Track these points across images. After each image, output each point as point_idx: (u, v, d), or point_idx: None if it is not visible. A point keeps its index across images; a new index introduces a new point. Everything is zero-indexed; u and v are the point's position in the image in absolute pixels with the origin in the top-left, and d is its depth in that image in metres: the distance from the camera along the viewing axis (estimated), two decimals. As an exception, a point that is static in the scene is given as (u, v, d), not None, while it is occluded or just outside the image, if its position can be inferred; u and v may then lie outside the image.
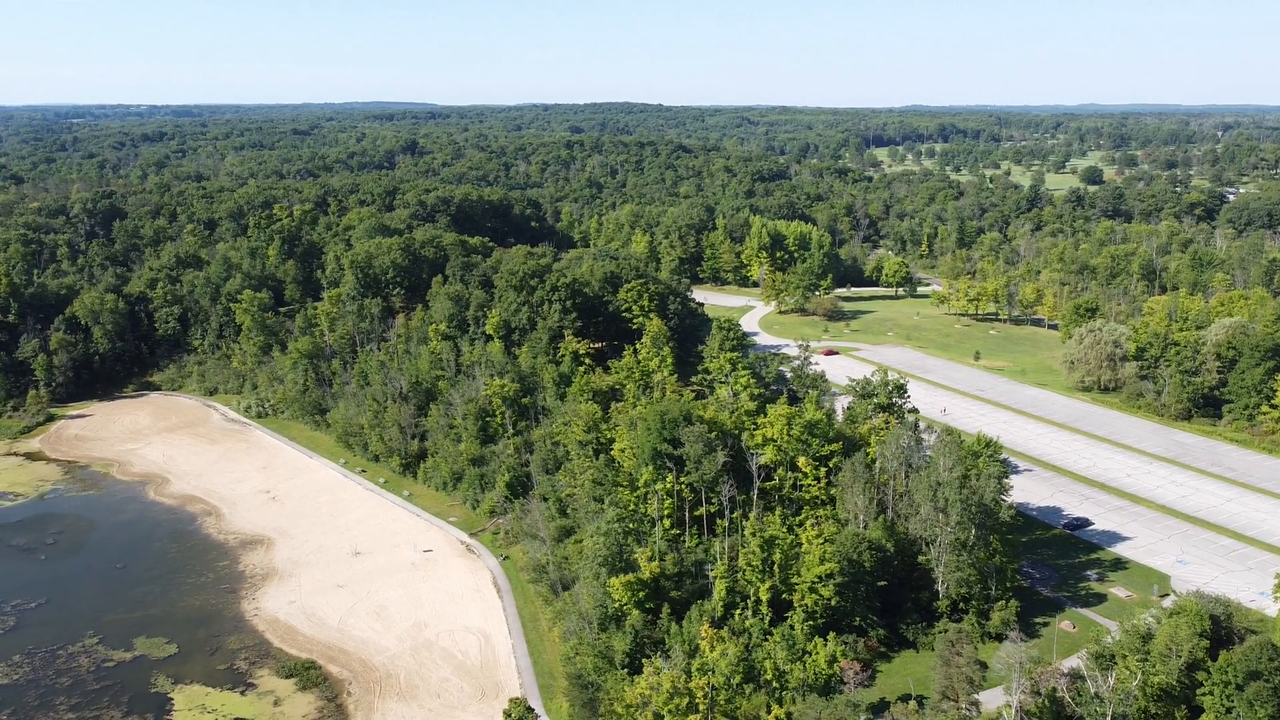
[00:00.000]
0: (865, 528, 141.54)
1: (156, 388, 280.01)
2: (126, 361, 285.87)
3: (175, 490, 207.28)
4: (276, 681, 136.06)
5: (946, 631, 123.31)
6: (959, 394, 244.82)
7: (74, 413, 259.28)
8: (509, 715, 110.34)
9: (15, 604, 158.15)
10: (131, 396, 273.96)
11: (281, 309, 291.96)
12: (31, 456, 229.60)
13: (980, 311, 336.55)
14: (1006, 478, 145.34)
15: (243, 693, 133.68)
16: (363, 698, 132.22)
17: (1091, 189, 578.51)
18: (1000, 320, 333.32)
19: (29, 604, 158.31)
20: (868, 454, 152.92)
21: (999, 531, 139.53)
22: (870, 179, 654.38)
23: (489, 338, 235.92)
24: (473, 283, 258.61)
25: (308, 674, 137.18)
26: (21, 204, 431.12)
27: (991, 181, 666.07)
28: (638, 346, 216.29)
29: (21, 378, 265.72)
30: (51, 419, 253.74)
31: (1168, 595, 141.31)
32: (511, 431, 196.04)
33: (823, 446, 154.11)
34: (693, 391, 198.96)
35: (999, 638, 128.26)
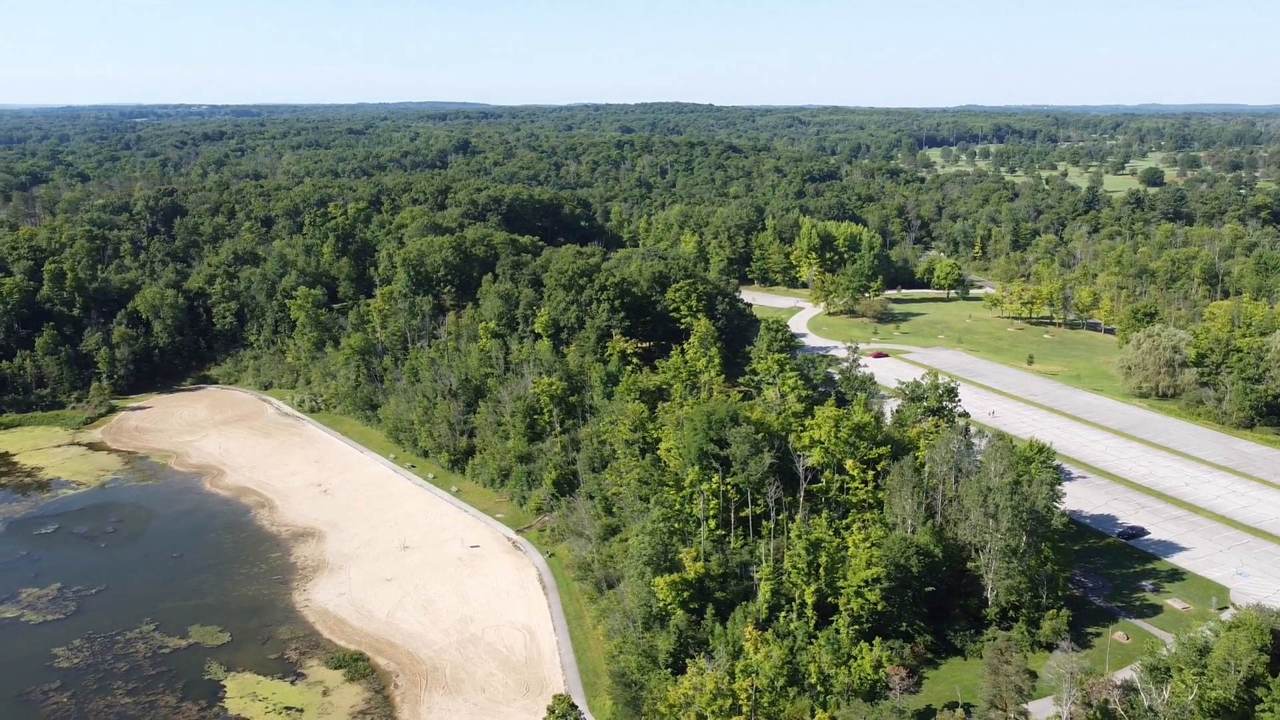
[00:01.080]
0: (913, 532, 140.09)
1: (213, 381, 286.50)
2: (185, 355, 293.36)
3: (230, 482, 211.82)
4: (326, 672, 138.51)
5: (995, 639, 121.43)
6: (1011, 398, 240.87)
7: (134, 404, 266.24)
8: (553, 712, 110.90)
9: (76, 590, 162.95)
10: (189, 389, 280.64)
11: (335, 306, 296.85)
12: (93, 446, 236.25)
13: (1034, 315, 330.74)
14: (1059, 484, 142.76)
15: (293, 682, 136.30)
16: (409, 690, 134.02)
17: (1151, 191, 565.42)
18: (1055, 324, 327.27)
19: (89, 590, 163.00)
20: (916, 458, 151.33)
21: (1051, 539, 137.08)
22: (923, 180, 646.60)
23: (538, 336, 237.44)
24: (522, 281, 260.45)
25: (356, 665, 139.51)
26: (87, 201, 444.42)
27: (1048, 183, 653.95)
28: (685, 346, 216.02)
29: (85, 370, 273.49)
30: (113, 410, 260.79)
31: (1226, 608, 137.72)
32: (559, 430, 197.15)
33: (870, 449, 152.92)
34: (740, 392, 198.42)
35: (1049, 647, 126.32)
